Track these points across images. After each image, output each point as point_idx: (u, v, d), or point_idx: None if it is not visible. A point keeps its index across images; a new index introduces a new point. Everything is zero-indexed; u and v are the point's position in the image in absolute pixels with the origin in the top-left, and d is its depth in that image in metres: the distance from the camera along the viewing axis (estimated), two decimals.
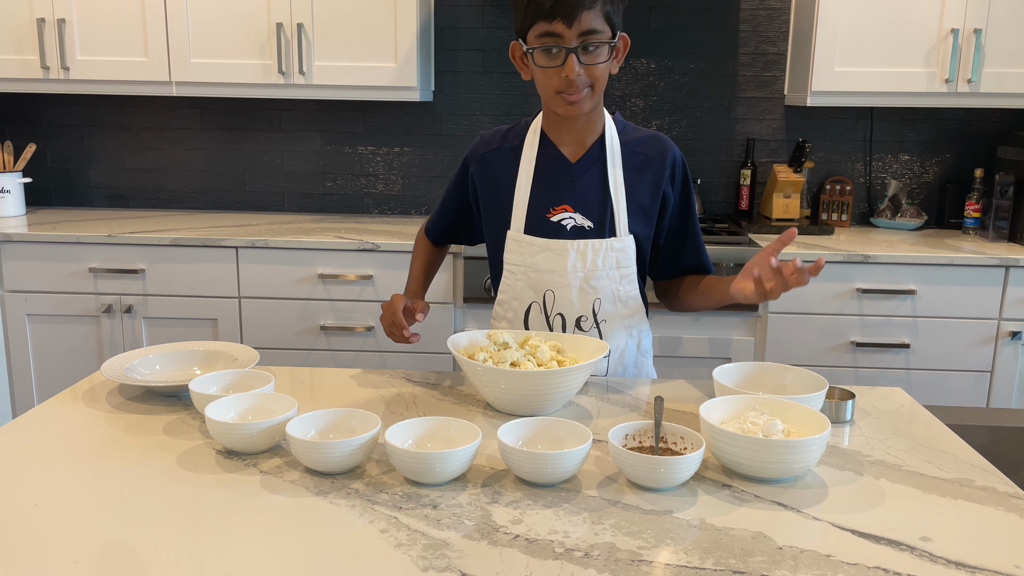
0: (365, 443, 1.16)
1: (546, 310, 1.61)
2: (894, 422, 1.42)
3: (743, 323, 2.82)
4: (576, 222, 1.59)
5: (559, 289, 1.59)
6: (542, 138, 1.63)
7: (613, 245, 1.59)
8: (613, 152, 1.60)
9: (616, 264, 1.59)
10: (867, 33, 2.90)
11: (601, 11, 1.45)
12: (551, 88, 1.50)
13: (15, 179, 3.16)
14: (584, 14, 1.43)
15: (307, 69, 2.98)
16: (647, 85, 3.32)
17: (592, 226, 1.59)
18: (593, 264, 1.58)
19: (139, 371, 1.52)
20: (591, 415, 1.42)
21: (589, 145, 1.61)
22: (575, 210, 1.59)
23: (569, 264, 1.58)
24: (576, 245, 1.57)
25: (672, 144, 1.64)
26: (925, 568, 0.96)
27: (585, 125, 1.60)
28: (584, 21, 1.43)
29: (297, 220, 3.24)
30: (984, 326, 2.78)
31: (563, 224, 1.59)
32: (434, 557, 0.96)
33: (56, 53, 2.98)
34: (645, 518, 1.06)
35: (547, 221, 1.60)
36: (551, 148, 1.62)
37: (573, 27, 1.43)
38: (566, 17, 1.43)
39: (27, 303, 2.91)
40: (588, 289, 1.59)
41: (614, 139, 1.61)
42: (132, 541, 0.99)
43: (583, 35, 1.44)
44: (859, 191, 3.37)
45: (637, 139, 1.63)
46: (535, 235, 1.60)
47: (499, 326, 1.68)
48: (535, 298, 1.62)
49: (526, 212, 1.61)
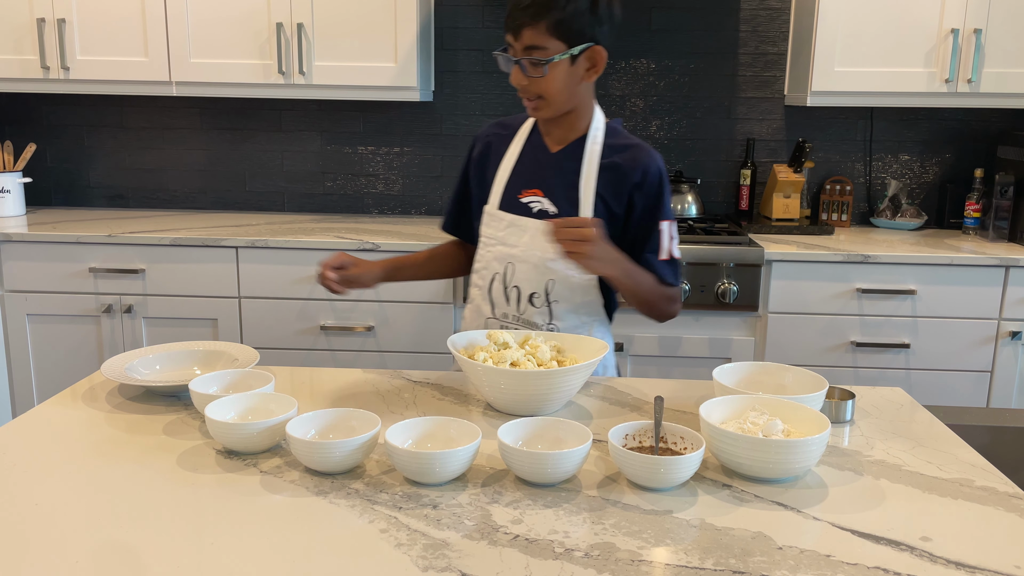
0: (365, 443, 1.16)
1: (506, 281, 1.70)
2: (894, 422, 1.42)
3: (743, 323, 2.82)
4: (542, 206, 1.68)
5: (518, 263, 1.68)
6: (534, 128, 1.74)
7: None
8: (592, 151, 1.67)
9: None
10: (867, 33, 2.90)
11: (549, 27, 1.51)
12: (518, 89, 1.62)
13: (15, 179, 3.16)
14: (526, 31, 1.53)
15: (307, 69, 2.98)
16: (647, 85, 3.32)
17: (557, 212, 1.66)
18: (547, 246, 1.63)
19: (139, 371, 1.52)
20: (591, 415, 1.42)
21: (571, 140, 1.69)
22: (544, 195, 1.68)
23: (528, 241, 1.66)
24: (538, 225, 1.64)
25: (655, 158, 1.67)
26: (925, 568, 0.96)
27: (568, 123, 1.68)
28: (526, 37, 1.53)
29: (297, 220, 3.24)
30: (984, 326, 2.78)
31: (530, 205, 1.69)
32: (434, 557, 0.96)
33: (56, 53, 2.98)
34: (645, 518, 1.06)
35: (517, 201, 1.70)
36: (537, 137, 1.73)
37: (518, 41, 1.55)
38: (513, 31, 1.55)
39: (27, 303, 2.91)
40: (544, 269, 1.66)
41: (596, 140, 1.68)
42: (132, 541, 0.99)
43: (527, 50, 1.54)
44: (859, 191, 3.37)
45: (620, 145, 1.69)
46: (505, 211, 1.70)
47: (473, 292, 1.77)
48: (499, 270, 1.70)
49: (503, 191, 1.71)
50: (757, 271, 2.76)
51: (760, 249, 2.77)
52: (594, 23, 1.55)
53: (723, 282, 2.76)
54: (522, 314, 1.70)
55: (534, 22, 1.51)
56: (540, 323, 1.69)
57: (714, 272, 2.76)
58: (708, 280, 2.77)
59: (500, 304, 1.71)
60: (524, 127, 1.75)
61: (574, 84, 1.59)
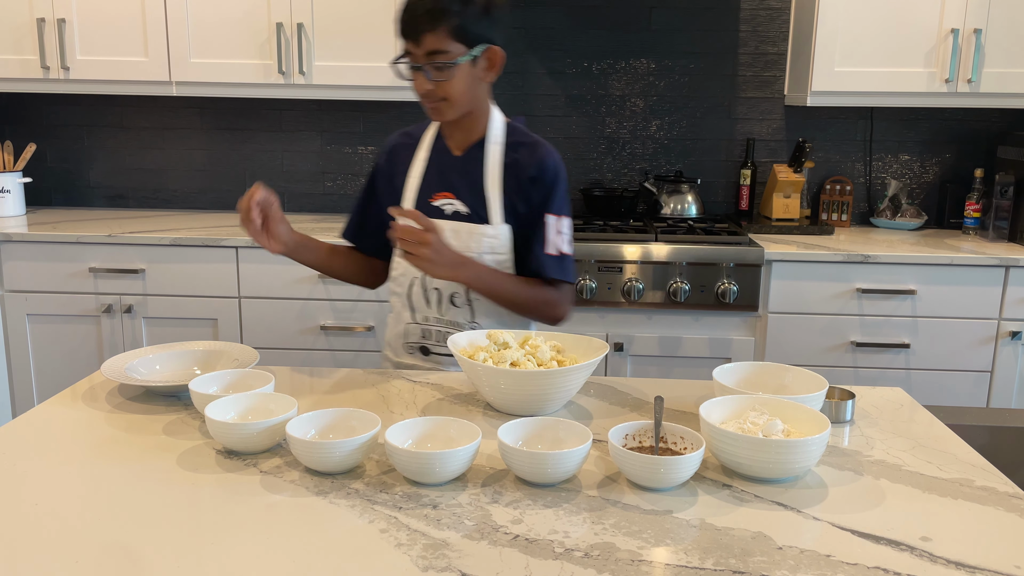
0: (365, 443, 1.16)
1: (425, 284, 1.72)
2: (894, 422, 1.42)
3: (743, 323, 2.82)
4: (455, 207, 1.71)
5: None
6: (437, 134, 1.78)
7: (487, 231, 1.68)
8: (493, 151, 1.71)
9: (490, 249, 1.69)
10: (867, 33, 2.90)
11: (449, 31, 1.55)
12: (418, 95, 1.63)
13: (15, 179, 3.16)
14: (426, 36, 1.55)
15: (307, 69, 2.98)
16: (647, 85, 3.32)
17: (468, 212, 1.70)
18: (466, 246, 1.67)
19: (139, 371, 1.52)
20: (591, 415, 1.42)
21: (473, 142, 1.73)
22: (455, 197, 1.72)
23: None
24: (452, 226, 1.69)
25: (551, 154, 1.72)
26: (925, 568, 0.96)
27: (469, 125, 1.71)
28: (428, 42, 1.55)
29: (297, 220, 3.23)
30: (984, 326, 2.78)
31: (443, 208, 1.72)
32: (434, 557, 0.96)
33: (56, 53, 2.98)
34: (645, 518, 1.06)
35: (429, 205, 1.73)
36: (441, 142, 1.77)
37: (420, 47, 1.56)
38: (412, 38, 1.56)
39: (27, 303, 2.91)
40: None
41: (496, 140, 1.71)
42: (132, 541, 0.99)
43: (429, 55, 1.56)
44: (859, 191, 3.37)
45: (519, 143, 1.72)
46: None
47: (392, 300, 1.79)
48: (417, 274, 1.72)
49: (415, 197, 1.75)
50: (757, 271, 2.76)
51: (760, 249, 2.77)
52: (490, 25, 1.60)
53: (723, 282, 2.76)
54: (444, 315, 1.72)
55: (434, 27, 1.54)
56: (463, 322, 1.71)
57: (714, 272, 2.76)
58: (708, 280, 2.77)
59: (421, 308, 1.73)
60: (428, 134, 1.78)
61: (475, 85, 1.63)
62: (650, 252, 2.77)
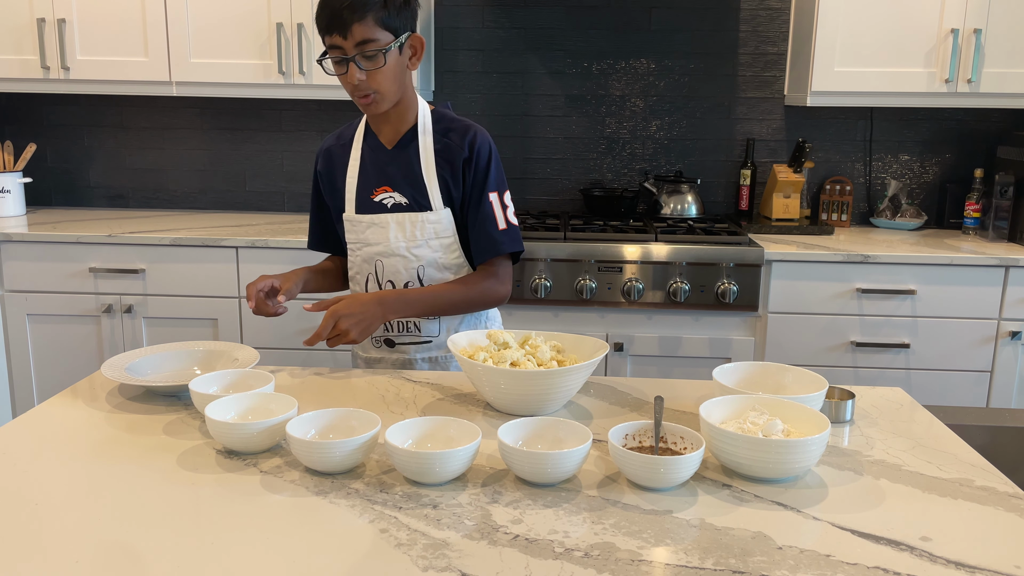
0: (365, 443, 1.16)
1: (379, 279, 1.77)
2: (894, 422, 1.42)
3: (743, 323, 2.82)
4: (395, 200, 1.74)
5: (386, 258, 1.75)
6: (367, 130, 1.80)
7: (429, 218, 1.73)
8: (424, 139, 1.74)
9: (435, 234, 1.74)
10: (867, 33, 2.90)
11: (375, 20, 1.57)
12: (348, 92, 1.65)
13: (15, 179, 3.16)
14: (355, 26, 1.56)
15: (307, 69, 2.98)
16: (647, 85, 3.32)
17: (408, 202, 1.74)
18: (412, 235, 1.73)
19: (139, 371, 1.52)
20: (591, 415, 1.42)
21: (403, 133, 1.75)
22: (393, 189, 1.74)
23: (391, 235, 1.73)
24: (396, 218, 1.73)
25: (481, 133, 1.75)
26: (925, 568, 0.96)
27: (397, 117, 1.74)
28: (357, 33, 1.57)
29: (297, 220, 3.23)
30: (984, 326, 2.78)
31: (384, 202, 1.75)
32: (434, 557, 0.96)
33: (56, 53, 2.98)
34: (645, 518, 1.06)
35: (371, 201, 1.76)
36: (373, 138, 1.78)
37: (348, 39, 1.57)
38: (339, 31, 1.57)
39: (27, 303, 2.91)
40: (411, 257, 1.74)
41: (426, 127, 1.75)
42: (132, 541, 0.99)
43: (359, 45, 1.58)
44: (859, 191, 3.37)
45: (446, 129, 1.76)
46: (363, 214, 1.76)
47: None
48: (370, 270, 1.77)
49: (355, 196, 1.77)
50: (757, 271, 2.76)
51: (760, 249, 2.77)
52: (409, 12, 1.63)
53: (723, 282, 2.76)
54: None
55: (363, 17, 1.56)
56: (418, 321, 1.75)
57: (714, 272, 2.76)
58: (708, 280, 2.77)
59: None
60: (358, 133, 1.80)
61: (402, 74, 1.66)
62: (650, 252, 2.77)
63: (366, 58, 1.58)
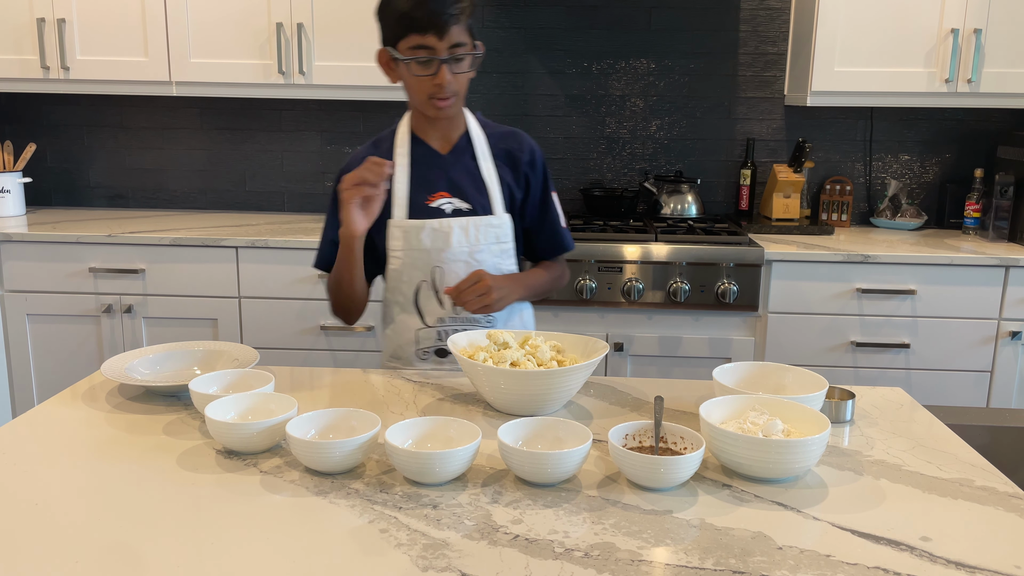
0: (365, 443, 1.16)
1: (435, 286, 1.72)
2: (894, 422, 1.42)
3: (743, 323, 2.82)
4: (455, 205, 1.73)
5: (447, 264, 1.71)
6: (413, 138, 1.76)
7: (492, 222, 1.73)
8: (480, 143, 1.76)
9: (496, 239, 1.74)
10: (867, 33, 2.90)
11: (464, 25, 1.61)
12: (424, 94, 1.64)
13: (15, 179, 3.16)
14: (453, 28, 1.58)
15: (307, 69, 2.98)
16: (647, 85, 3.32)
17: (470, 208, 1.73)
18: (476, 240, 1.72)
19: (139, 371, 1.52)
20: (591, 415, 1.42)
21: (456, 139, 1.76)
22: (452, 195, 1.73)
23: (455, 240, 1.71)
24: (460, 223, 1.71)
25: (530, 138, 1.82)
26: (925, 568, 0.96)
27: (451, 123, 1.75)
28: (453, 35, 1.59)
29: (297, 220, 3.24)
30: (984, 326, 2.78)
31: (442, 208, 1.72)
32: (434, 557, 0.96)
33: (56, 53, 2.98)
34: (645, 518, 1.06)
35: (427, 207, 1.72)
36: (422, 145, 1.75)
37: (444, 40, 1.58)
38: (437, 31, 1.57)
39: (27, 303, 2.91)
40: (473, 263, 1.72)
41: (479, 132, 1.77)
42: (132, 541, 0.99)
43: (452, 47, 1.59)
44: (859, 191, 3.37)
45: (499, 133, 1.79)
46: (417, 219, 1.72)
47: (392, 311, 1.78)
48: (423, 277, 1.73)
49: (407, 202, 1.72)
50: (757, 271, 2.76)
51: (760, 249, 2.77)
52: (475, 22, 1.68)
53: (723, 282, 2.76)
54: (460, 313, 1.72)
55: (458, 21, 1.58)
56: (478, 317, 1.73)
57: (714, 272, 2.76)
58: (708, 280, 2.77)
59: (433, 311, 1.72)
60: (399, 140, 1.74)
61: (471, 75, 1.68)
62: (650, 252, 2.77)
63: (456, 60, 1.60)
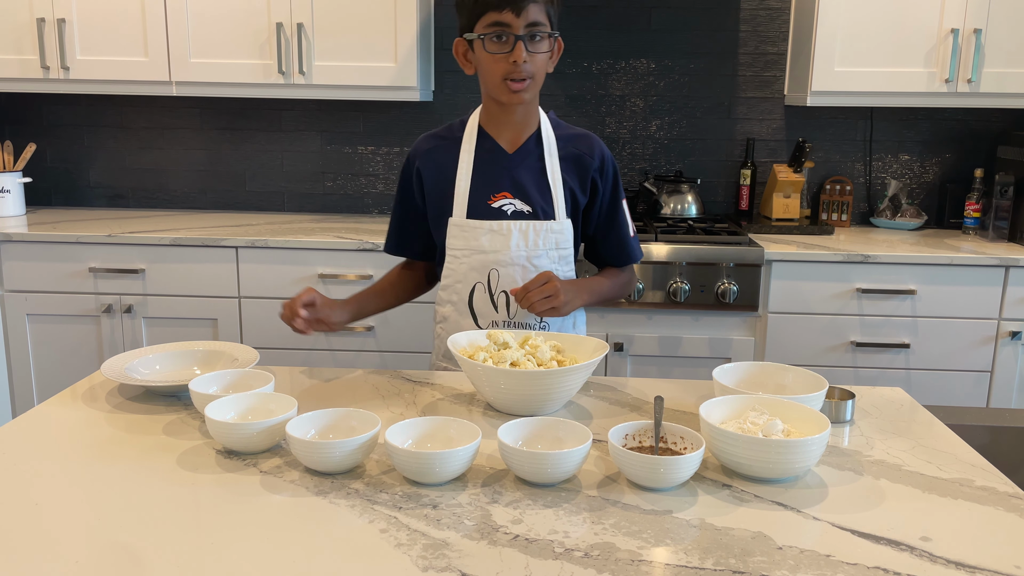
0: (365, 443, 1.16)
1: (490, 289, 1.69)
2: (894, 422, 1.42)
3: (743, 323, 2.82)
4: (516, 207, 1.69)
5: (503, 267, 1.68)
6: (480, 132, 1.73)
7: (552, 227, 1.69)
8: (549, 144, 1.71)
9: (556, 245, 1.70)
10: (867, 33, 2.90)
11: (544, 6, 1.60)
12: (498, 75, 1.60)
13: (15, 179, 3.16)
14: (531, 5, 1.57)
15: (307, 69, 2.98)
16: (647, 85, 3.32)
17: (531, 211, 1.69)
18: (535, 244, 1.69)
19: (139, 371, 1.52)
20: (591, 415, 1.42)
21: (525, 138, 1.71)
22: (514, 196, 1.69)
23: (513, 243, 1.68)
24: (519, 226, 1.68)
25: (601, 143, 1.76)
26: (925, 568, 0.96)
27: (522, 120, 1.71)
28: (531, 12, 1.57)
29: (297, 220, 3.24)
30: (984, 326, 2.78)
31: (504, 209, 1.69)
32: (434, 557, 0.96)
33: (56, 53, 2.98)
34: (645, 518, 1.06)
35: (488, 207, 1.69)
36: (489, 141, 1.72)
37: (521, 17, 1.56)
38: (514, 7, 1.56)
39: (27, 303, 2.91)
40: (531, 268, 1.69)
41: (549, 133, 1.72)
42: (132, 541, 0.99)
43: (529, 25, 1.57)
44: (859, 191, 3.37)
45: (570, 135, 1.74)
46: (477, 219, 1.69)
47: (443, 310, 1.75)
48: (479, 279, 1.70)
49: (467, 200, 1.69)
50: (757, 271, 2.76)
51: (760, 249, 2.77)
52: (558, 13, 1.65)
53: (723, 282, 2.76)
54: (513, 317, 1.70)
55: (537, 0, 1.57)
56: (532, 323, 1.71)
57: (714, 272, 2.76)
58: (708, 280, 2.77)
59: (487, 313, 1.70)
60: (467, 134, 1.72)
61: (547, 69, 1.65)
62: (650, 252, 2.77)
63: (532, 40, 1.58)
